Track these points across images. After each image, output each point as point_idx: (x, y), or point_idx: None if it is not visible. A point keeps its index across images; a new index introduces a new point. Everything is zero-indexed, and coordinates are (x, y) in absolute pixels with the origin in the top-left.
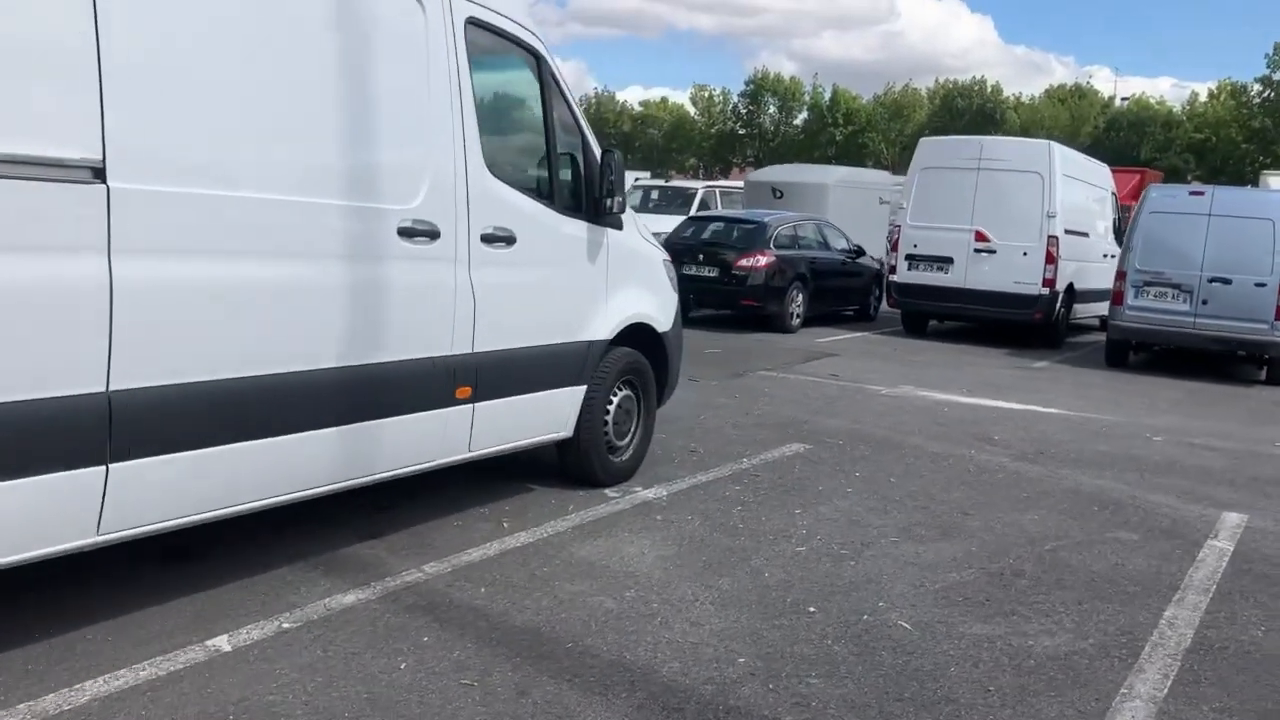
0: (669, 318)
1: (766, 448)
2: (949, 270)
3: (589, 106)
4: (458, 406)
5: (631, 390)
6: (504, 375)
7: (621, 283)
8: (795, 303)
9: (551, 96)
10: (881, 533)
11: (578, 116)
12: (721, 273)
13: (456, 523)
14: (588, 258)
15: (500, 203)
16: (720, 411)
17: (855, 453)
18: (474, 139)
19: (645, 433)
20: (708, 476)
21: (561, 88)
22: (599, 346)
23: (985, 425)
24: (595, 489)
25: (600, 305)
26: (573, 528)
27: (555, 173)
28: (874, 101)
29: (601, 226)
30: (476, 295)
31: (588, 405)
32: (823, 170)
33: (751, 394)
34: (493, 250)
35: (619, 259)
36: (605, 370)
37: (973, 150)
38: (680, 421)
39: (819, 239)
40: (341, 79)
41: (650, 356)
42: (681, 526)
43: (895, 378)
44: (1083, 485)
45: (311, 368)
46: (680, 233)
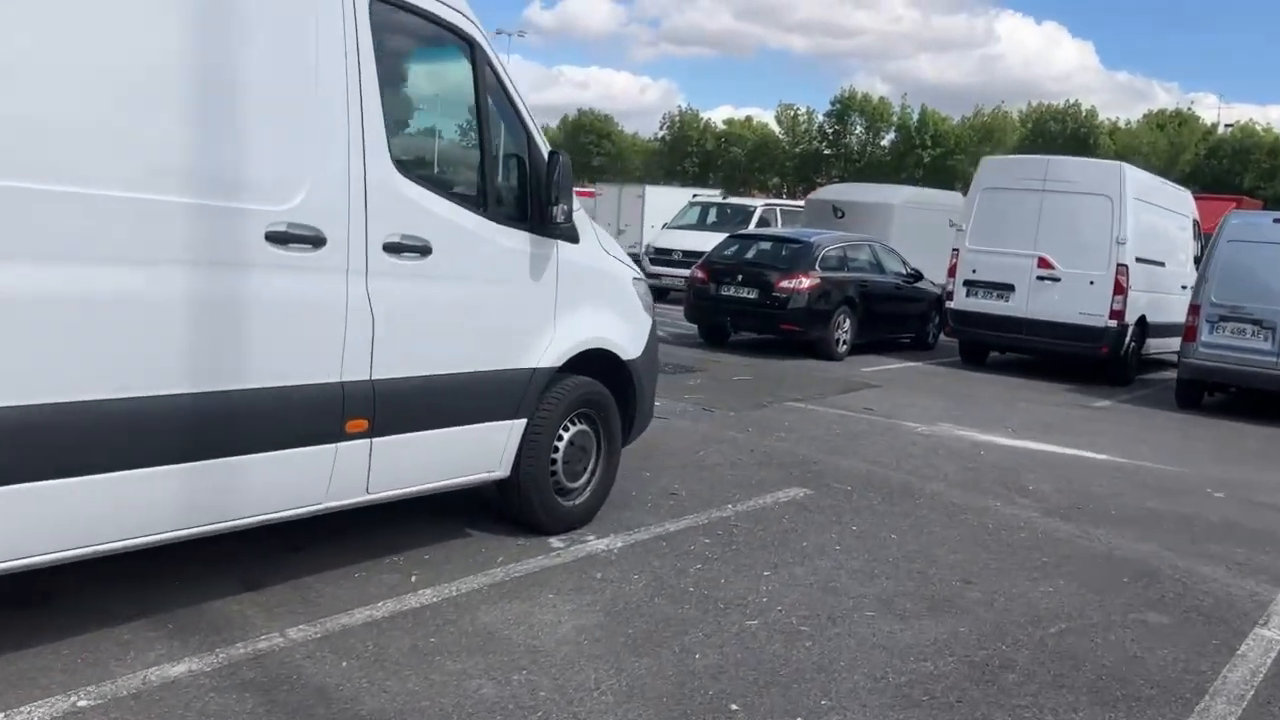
0: (638, 344)
1: (760, 492)
2: (1009, 298)
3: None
4: (349, 442)
5: (589, 425)
6: (413, 407)
7: (575, 303)
8: (842, 328)
9: (486, 89)
10: (858, 604)
11: (522, 114)
12: (761, 294)
13: (359, 573)
14: (529, 274)
15: (411, 207)
16: (724, 447)
17: (860, 501)
18: (377, 133)
19: (607, 473)
20: (678, 525)
21: (501, 79)
22: (543, 375)
23: (1021, 472)
24: (542, 536)
25: (546, 328)
26: (491, 585)
27: (489, 176)
28: (963, 124)
29: (549, 239)
30: (376, 313)
31: (529, 442)
32: (888, 190)
33: (767, 428)
34: (400, 261)
35: (572, 276)
36: (552, 402)
37: (1038, 170)
38: (675, 457)
39: (871, 261)
40: (198, 60)
41: (614, 387)
42: (621, 588)
43: (935, 414)
44: (1117, 550)
45: (150, 393)
46: (720, 251)
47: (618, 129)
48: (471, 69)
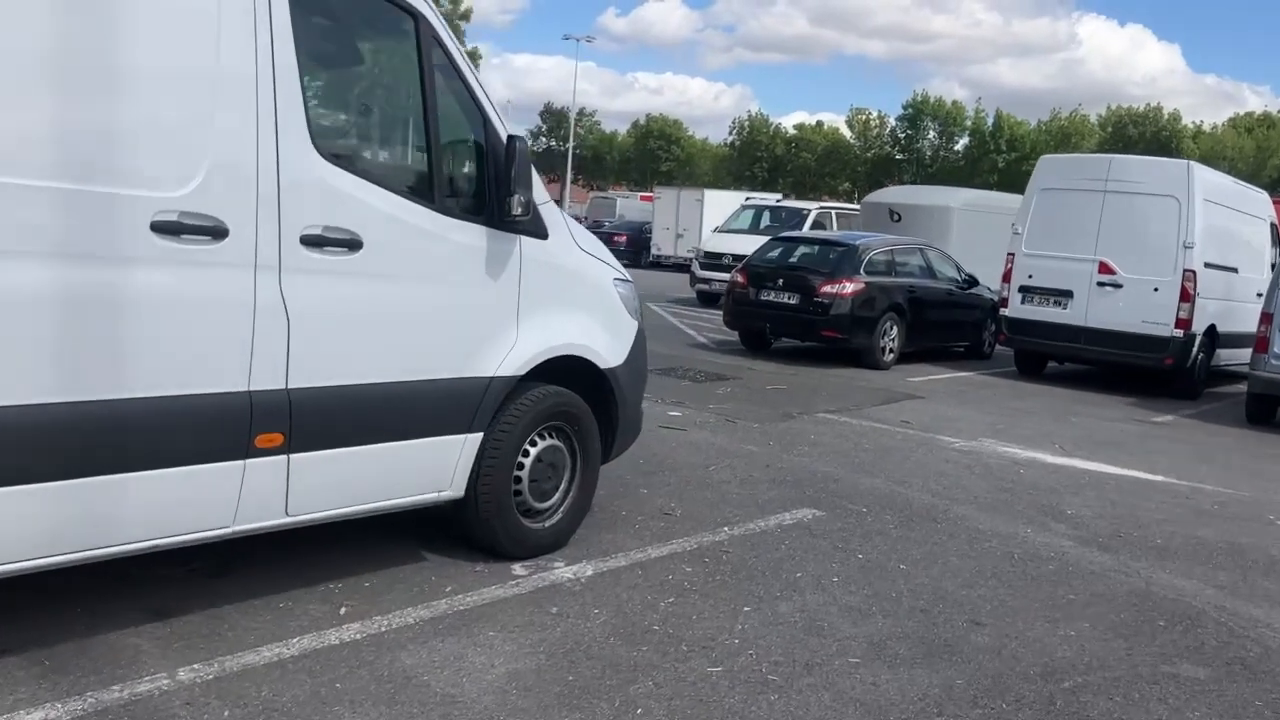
0: (620, 351)
1: (765, 513)
2: (1068, 305)
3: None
4: (260, 459)
5: (561, 440)
6: (341, 420)
7: (542, 305)
8: (888, 336)
9: (434, 68)
10: (843, 648)
11: (477, 95)
12: (803, 299)
13: (285, 603)
14: (485, 272)
15: (337, 197)
16: (738, 462)
17: (874, 525)
18: (294, 113)
19: (583, 492)
20: (662, 550)
21: (452, 57)
22: (503, 384)
23: (1062, 494)
24: (506, 562)
25: (506, 333)
26: (429, 619)
27: (436, 164)
28: (1039, 128)
29: (509, 234)
30: (293, 314)
31: (488, 458)
32: (947, 192)
33: (791, 441)
34: (322, 257)
35: (539, 275)
36: (515, 415)
37: (1099, 169)
38: (681, 472)
39: (922, 265)
40: (68, 31)
41: (592, 398)
42: (575, 625)
43: (978, 428)
44: (1156, 586)
45: (14, 403)
46: (762, 254)
47: (687, 134)
48: (416, 45)
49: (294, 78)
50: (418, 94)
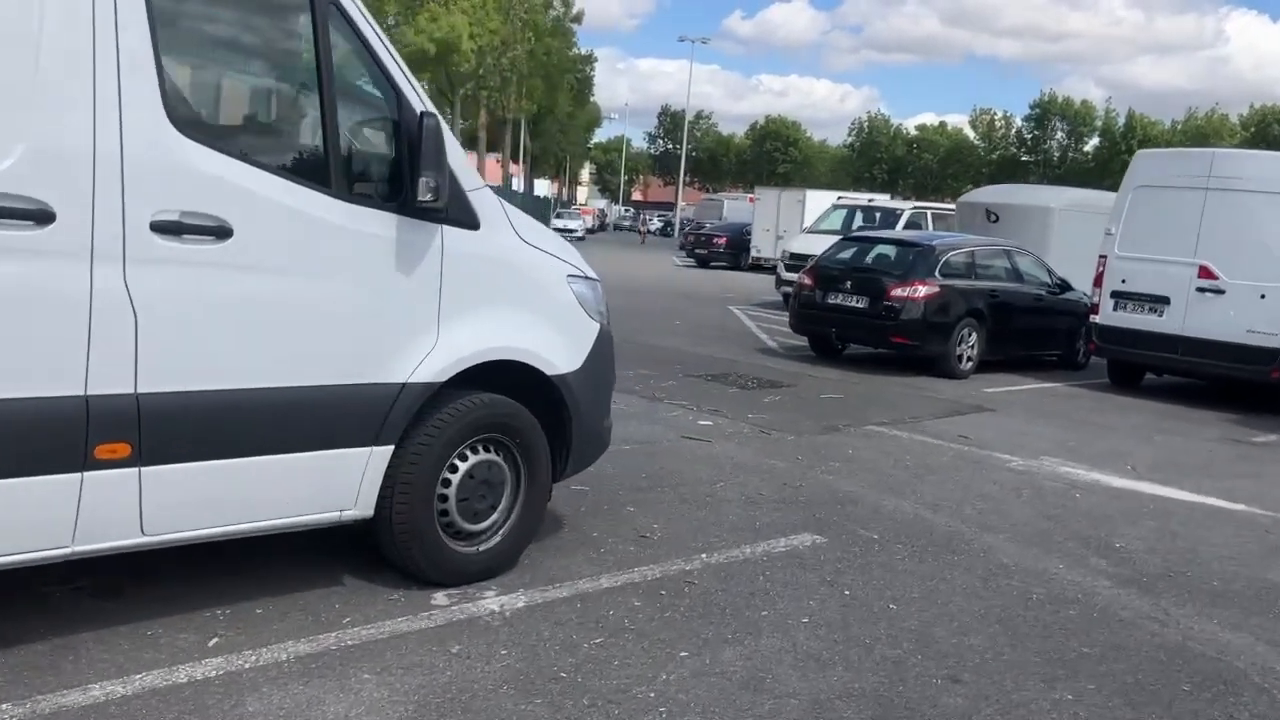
0: (573, 355)
1: (759, 538)
2: (1164, 313)
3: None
4: (102, 471)
5: (502, 454)
6: (205, 429)
7: (471, 304)
8: (966, 343)
9: (331, 37)
10: (777, 709)
11: (387, 68)
12: (872, 303)
13: (154, 630)
14: (395, 266)
15: (200, 178)
16: (754, 478)
17: (880, 555)
18: (143, 86)
19: (528, 513)
20: (616, 580)
21: (356, 26)
22: (418, 392)
23: (1116, 524)
24: (432, 589)
25: (422, 334)
26: (305, 656)
27: (333, 144)
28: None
29: (428, 224)
30: (141, 309)
31: (403, 474)
32: (1049, 192)
33: (824, 456)
34: (180, 246)
35: (467, 271)
36: (438, 426)
37: (1201, 165)
38: (683, 488)
39: (1007, 268)
40: None
41: (541, 408)
42: (469, 669)
43: (1045, 445)
44: (1195, 639)
45: None
46: (831, 254)
47: (805, 136)
48: (310, 13)
49: (145, 47)
50: (311, 67)
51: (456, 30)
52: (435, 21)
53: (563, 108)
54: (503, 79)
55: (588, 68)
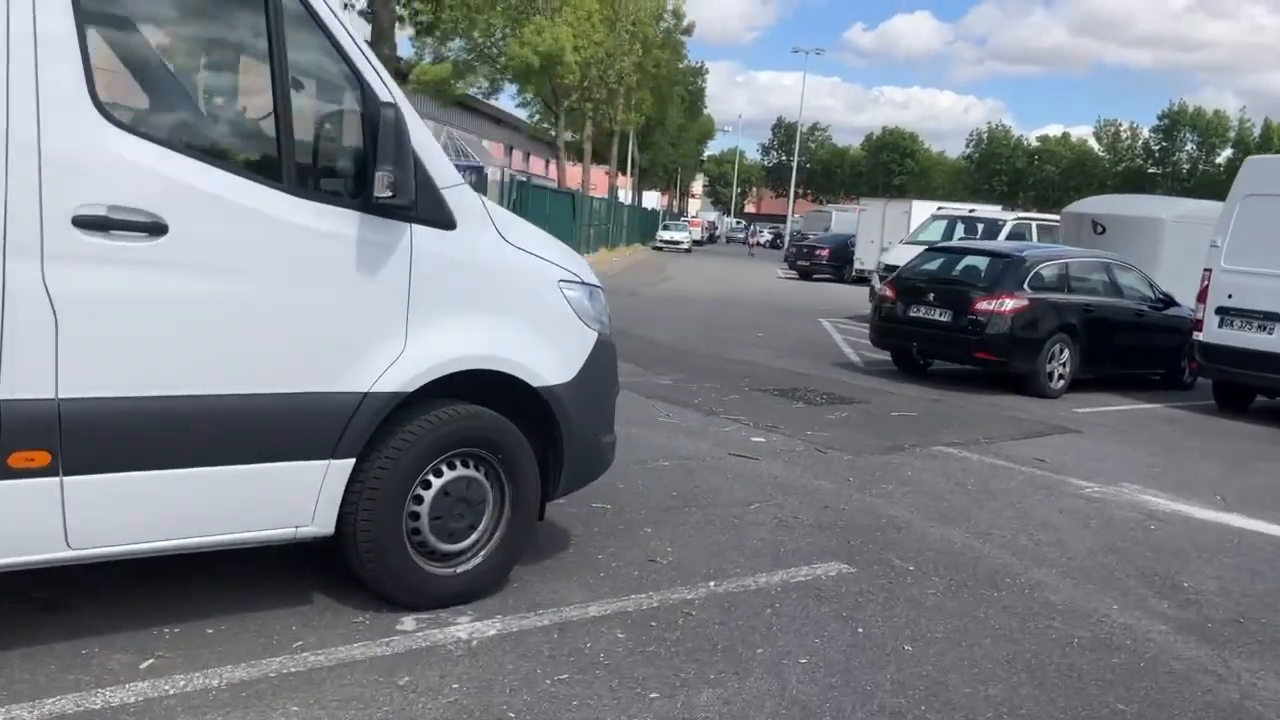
0: (565, 365)
1: (779, 565)
2: (1273, 330)
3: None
4: (16, 481)
5: (483, 470)
6: (135, 437)
7: (445, 309)
8: (1057, 360)
9: (285, 22)
10: None
11: (349, 54)
12: (955, 316)
13: (89, 648)
14: (355, 266)
15: (132, 170)
16: (794, 500)
17: (910, 588)
18: (64, 70)
19: (513, 533)
20: (609, 608)
21: (314, 10)
22: (381, 402)
23: (1190, 560)
24: (402, 612)
25: (387, 340)
26: (239, 683)
27: (285, 136)
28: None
29: (395, 222)
30: (61, 309)
31: (367, 490)
32: (1161, 202)
33: (878, 478)
34: (107, 242)
35: (441, 273)
36: (407, 439)
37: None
38: (713, 510)
39: (1105, 282)
40: None
41: (530, 422)
42: (409, 705)
43: (1128, 471)
44: (1254, 699)
45: None
46: (915, 265)
47: (922, 147)
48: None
49: (67, 27)
50: (262, 53)
51: (560, 43)
52: (540, 34)
53: (673, 120)
54: (609, 91)
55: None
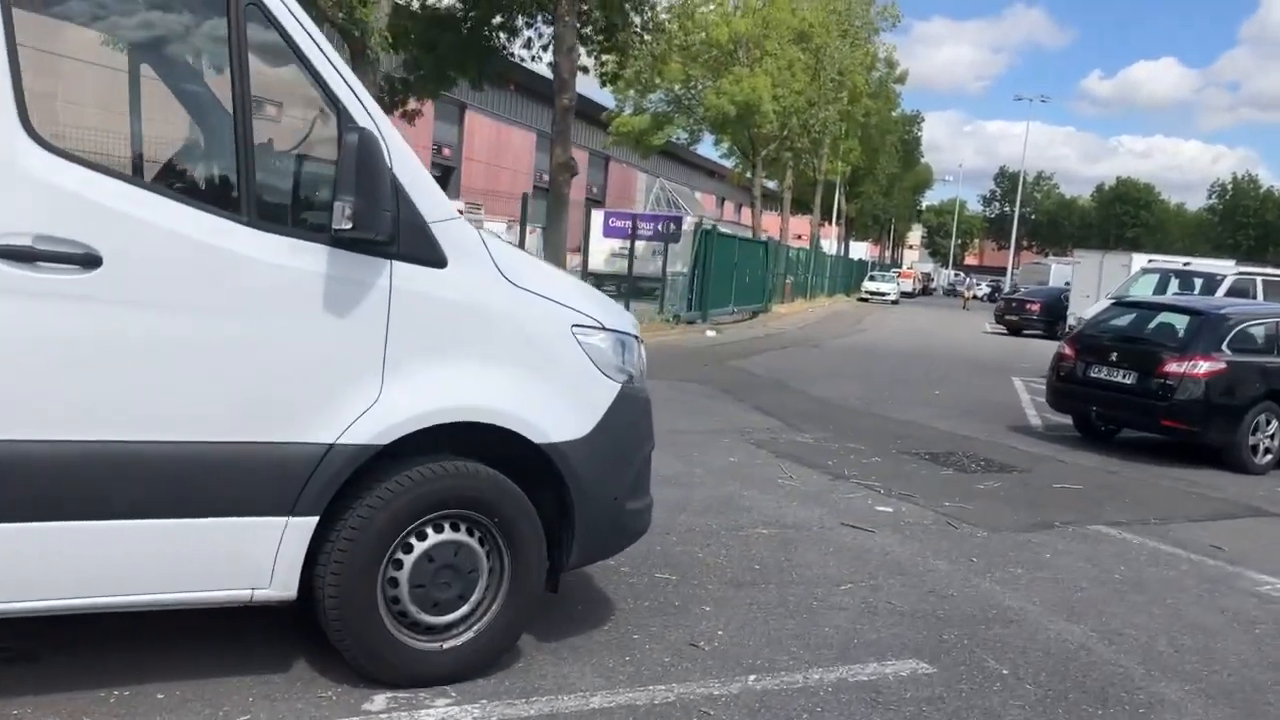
0: (578, 420)
1: (845, 660)
2: None
3: (1222, 193)
4: None
5: (478, 535)
6: (56, 485)
7: (431, 353)
8: (1263, 432)
9: (248, 33)
10: None
11: (323, 76)
12: (1140, 379)
13: (20, 709)
14: (323, 305)
15: (62, 197)
16: (895, 582)
17: (992, 697)
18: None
19: (511, 606)
20: (614, 699)
21: (285, 30)
22: (349, 455)
23: None
24: (383, 688)
25: (359, 387)
26: None
27: (245, 162)
28: None
29: (373, 258)
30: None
31: (337, 551)
32: None
33: (1009, 559)
34: (31, 275)
35: (426, 313)
36: (382, 497)
37: None
38: (792, 587)
39: None
40: None
41: (540, 483)
42: None
43: None
44: None
45: None
46: (1099, 322)
47: (1159, 198)
48: (226, 14)
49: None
50: (225, 73)
51: (758, 92)
52: (738, 84)
53: (884, 169)
54: (812, 140)
55: (914, 128)
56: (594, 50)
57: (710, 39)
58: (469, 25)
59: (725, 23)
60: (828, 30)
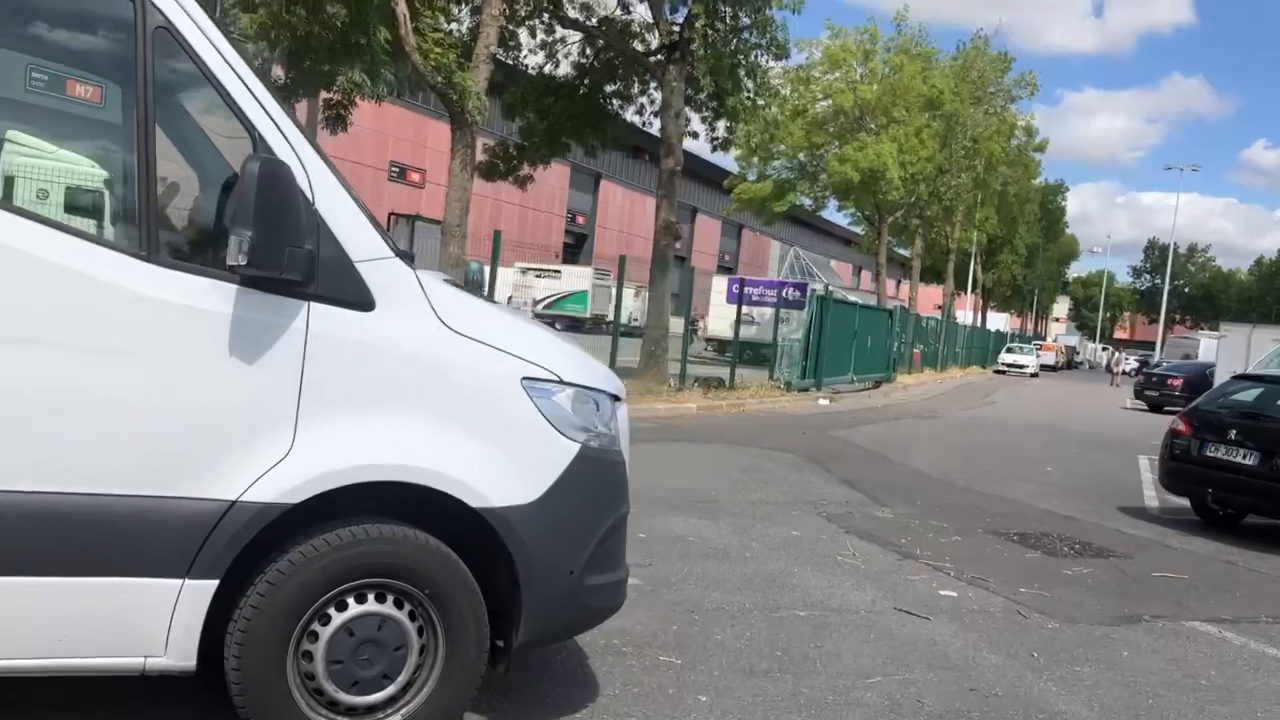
0: (524, 484)
1: None
2: None
3: None
4: None
5: (408, 607)
6: None
7: (353, 404)
8: None
9: (154, 55)
10: None
11: (239, 103)
12: (1264, 459)
13: None
14: (228, 348)
15: None
16: (937, 675)
17: None
18: None
19: (447, 685)
20: None
21: (196, 55)
22: (253, 513)
23: None
24: None
25: (267, 439)
26: None
27: (143, 191)
28: None
29: (288, 298)
30: None
31: (241, 620)
32: None
33: (1077, 656)
34: None
35: (348, 361)
36: (295, 561)
37: None
38: (817, 679)
39: None
40: None
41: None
42: None
43: None
44: None
45: None
46: (1218, 396)
47: None
48: (133, 36)
49: None
50: (128, 97)
51: (882, 158)
52: (862, 150)
53: (1023, 239)
54: (944, 208)
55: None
56: (707, 117)
57: (836, 105)
58: (583, 92)
59: (851, 89)
60: (960, 98)
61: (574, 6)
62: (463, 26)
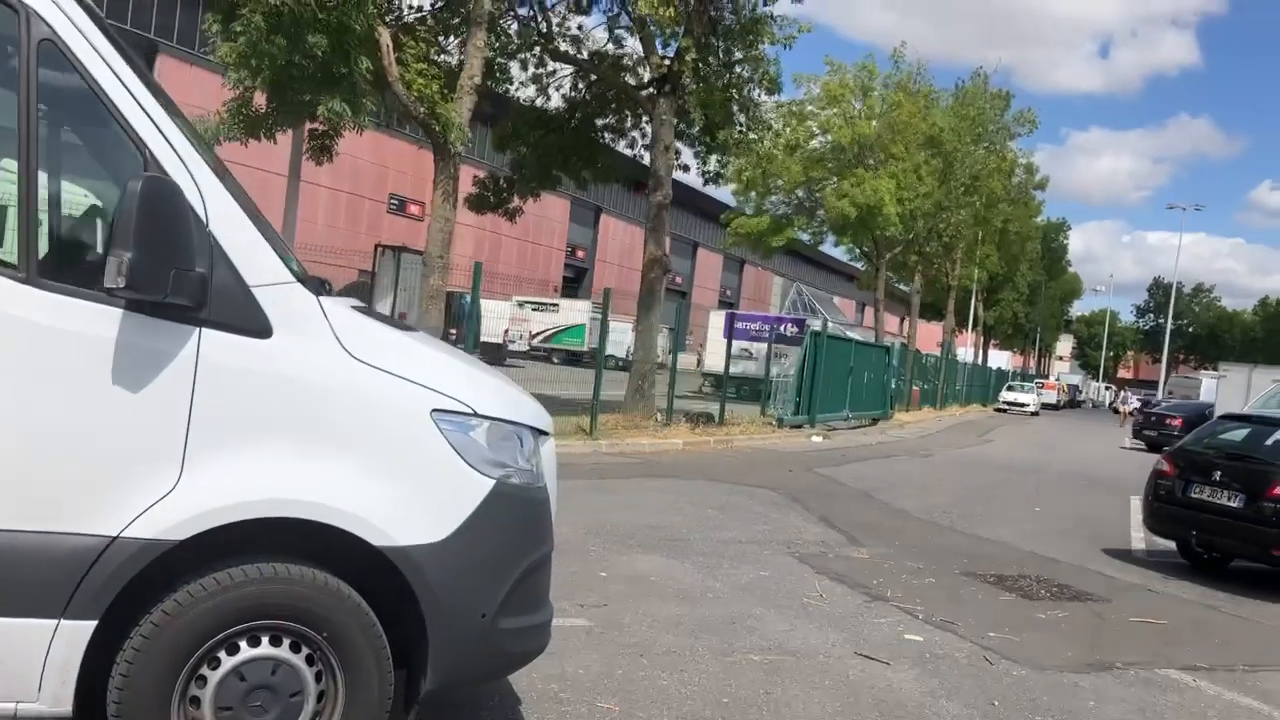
0: (432, 521)
1: None
2: None
3: None
4: None
5: (304, 650)
6: None
7: (246, 436)
8: None
9: (38, 80)
10: None
11: (129, 120)
12: (1248, 502)
13: None
14: (110, 375)
15: None
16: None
17: None
18: None
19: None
20: None
21: (84, 69)
22: (135, 550)
23: None
24: None
25: (150, 471)
26: None
27: (24, 210)
28: None
29: (177, 324)
30: None
31: (122, 664)
32: None
33: (1040, 705)
34: None
35: (242, 390)
36: (181, 601)
37: None
38: None
39: None
40: None
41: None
42: None
43: None
44: None
45: None
46: (1203, 436)
47: None
48: (17, 47)
49: None
50: (9, 112)
51: (879, 194)
52: (858, 185)
53: (1024, 276)
54: (944, 245)
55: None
56: (699, 151)
57: (835, 140)
58: (574, 124)
59: (849, 125)
60: (959, 135)
61: (565, 40)
62: (452, 60)
